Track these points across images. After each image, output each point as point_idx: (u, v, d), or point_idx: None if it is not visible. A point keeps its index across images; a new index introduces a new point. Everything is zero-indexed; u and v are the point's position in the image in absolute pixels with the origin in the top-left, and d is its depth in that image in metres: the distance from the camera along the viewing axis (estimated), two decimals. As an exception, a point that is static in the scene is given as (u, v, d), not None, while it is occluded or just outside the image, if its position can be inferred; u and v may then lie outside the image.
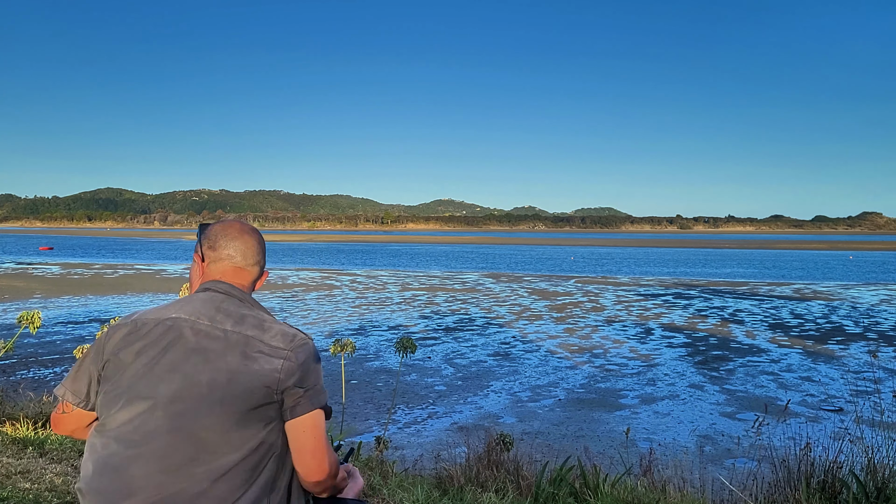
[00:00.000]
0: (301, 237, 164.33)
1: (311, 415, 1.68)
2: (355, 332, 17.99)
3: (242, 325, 1.70)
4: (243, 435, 1.62)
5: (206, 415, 1.60)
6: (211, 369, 1.63)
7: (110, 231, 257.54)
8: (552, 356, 14.91)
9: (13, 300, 24.04)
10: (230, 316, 1.71)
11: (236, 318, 1.71)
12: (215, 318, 1.70)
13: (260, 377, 1.63)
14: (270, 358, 1.65)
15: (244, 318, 1.72)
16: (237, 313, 1.73)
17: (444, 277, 39.73)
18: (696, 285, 34.77)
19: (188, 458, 1.59)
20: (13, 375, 11.65)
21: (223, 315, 1.71)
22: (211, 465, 1.59)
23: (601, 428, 9.42)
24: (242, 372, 1.62)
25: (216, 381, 1.62)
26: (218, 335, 1.67)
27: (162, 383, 1.62)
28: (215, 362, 1.63)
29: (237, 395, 1.61)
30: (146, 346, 1.67)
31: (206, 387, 1.61)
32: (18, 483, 3.18)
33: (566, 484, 3.90)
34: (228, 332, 1.67)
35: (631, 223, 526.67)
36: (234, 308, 1.74)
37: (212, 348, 1.65)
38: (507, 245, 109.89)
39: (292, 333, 1.73)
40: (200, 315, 1.71)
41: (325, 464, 1.70)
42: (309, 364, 1.70)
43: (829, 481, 3.51)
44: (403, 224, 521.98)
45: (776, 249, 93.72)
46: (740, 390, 11.68)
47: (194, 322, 1.69)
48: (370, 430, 8.99)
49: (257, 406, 1.63)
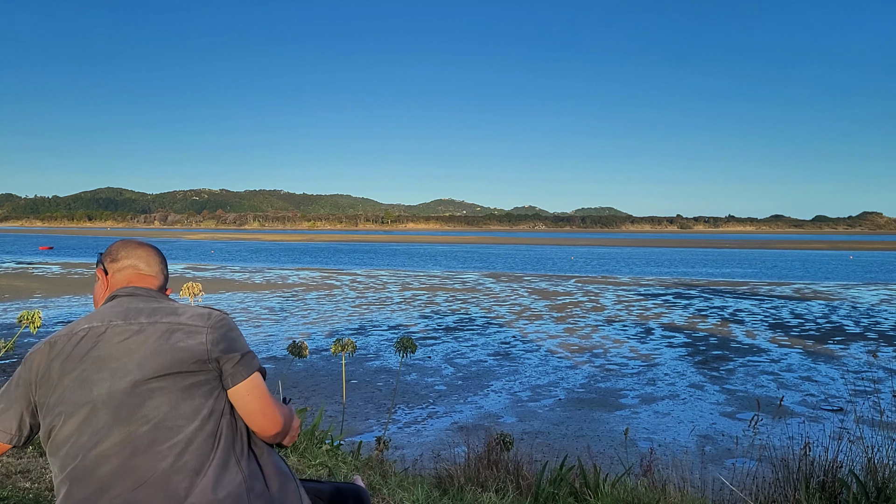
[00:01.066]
0: (301, 237, 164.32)
1: (249, 379, 1.76)
2: (355, 332, 18.00)
3: (156, 315, 1.75)
4: (193, 405, 1.67)
5: (148, 397, 1.64)
6: (138, 358, 1.67)
7: (111, 231, 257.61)
8: (552, 356, 14.91)
9: (13, 300, 24.05)
10: (141, 312, 1.77)
11: (148, 312, 1.76)
12: (127, 316, 1.75)
13: (188, 352, 1.69)
14: (193, 334, 1.71)
15: (156, 310, 1.78)
16: (147, 308, 1.78)
17: (444, 277, 39.73)
18: (697, 285, 34.77)
19: (149, 440, 1.63)
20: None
21: (135, 312, 1.77)
22: (173, 439, 1.64)
23: (601, 428, 9.42)
24: (169, 352, 1.68)
25: (146, 365, 1.66)
26: (135, 329, 1.71)
27: (94, 386, 1.66)
28: (140, 351, 1.68)
29: (172, 372, 1.67)
30: (66, 359, 1.70)
31: (138, 372, 1.65)
32: (18, 482, 3.18)
33: (566, 484, 3.90)
34: (144, 323, 1.72)
35: (631, 223, 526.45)
36: (143, 304, 1.80)
37: (133, 340, 1.70)
38: (507, 245, 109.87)
39: (206, 312, 1.80)
40: (112, 318, 1.75)
41: (277, 417, 1.80)
42: (230, 334, 1.78)
43: (828, 481, 3.51)
44: (404, 224, 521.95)
45: (776, 249, 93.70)
46: (740, 390, 11.67)
47: (108, 325, 1.74)
48: (370, 429, 8.99)
49: (195, 380, 1.69)
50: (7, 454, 3.68)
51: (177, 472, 1.63)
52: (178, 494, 1.61)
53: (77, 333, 1.73)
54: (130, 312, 1.76)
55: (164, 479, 1.62)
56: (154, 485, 1.61)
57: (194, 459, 1.64)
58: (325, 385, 11.53)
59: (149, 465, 1.62)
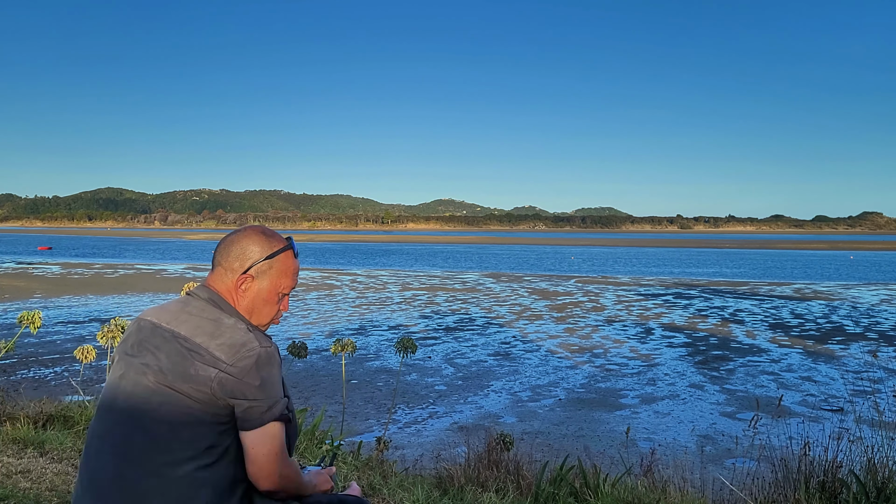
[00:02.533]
0: (301, 237, 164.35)
1: (261, 429, 1.68)
2: (356, 332, 18.00)
3: (197, 329, 1.73)
4: (194, 433, 1.65)
5: (155, 409, 1.66)
6: (157, 369, 1.69)
7: (111, 231, 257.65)
8: (552, 356, 14.92)
9: (14, 300, 24.05)
10: (191, 318, 1.75)
11: (195, 323, 1.74)
12: (175, 319, 1.75)
13: (198, 382, 1.66)
14: (207, 367, 1.67)
15: (203, 322, 1.74)
16: (199, 316, 1.75)
17: (444, 277, 39.73)
18: (697, 285, 34.77)
19: (143, 450, 1.65)
20: (14, 375, 11.66)
21: (185, 316, 1.76)
22: (165, 458, 1.64)
23: (601, 428, 9.42)
24: (183, 374, 1.67)
25: (162, 379, 1.68)
26: (167, 337, 1.72)
27: (122, 381, 1.73)
28: (162, 362, 1.69)
29: (181, 393, 1.66)
30: (121, 345, 1.81)
31: (154, 383, 1.68)
32: (19, 482, 3.18)
33: (566, 484, 3.90)
34: (179, 336, 1.71)
35: (631, 223, 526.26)
36: (198, 311, 1.77)
37: (162, 349, 1.71)
38: (507, 245, 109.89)
39: (241, 343, 1.70)
40: (164, 316, 1.78)
41: (274, 476, 1.72)
42: (251, 376, 1.67)
43: (828, 481, 3.51)
44: (404, 224, 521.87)
45: (777, 249, 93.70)
46: (740, 390, 11.68)
47: (155, 323, 1.76)
48: (370, 429, 8.99)
49: (202, 409, 1.66)
50: (8, 454, 3.69)
51: (162, 495, 1.63)
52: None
53: (137, 322, 1.82)
54: (182, 314, 1.76)
55: (149, 493, 1.64)
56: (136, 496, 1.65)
57: (184, 487, 1.63)
58: (325, 385, 11.53)
59: (137, 475, 1.64)
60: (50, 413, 4.50)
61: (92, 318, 19.80)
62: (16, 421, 4.28)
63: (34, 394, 5.87)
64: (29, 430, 4.14)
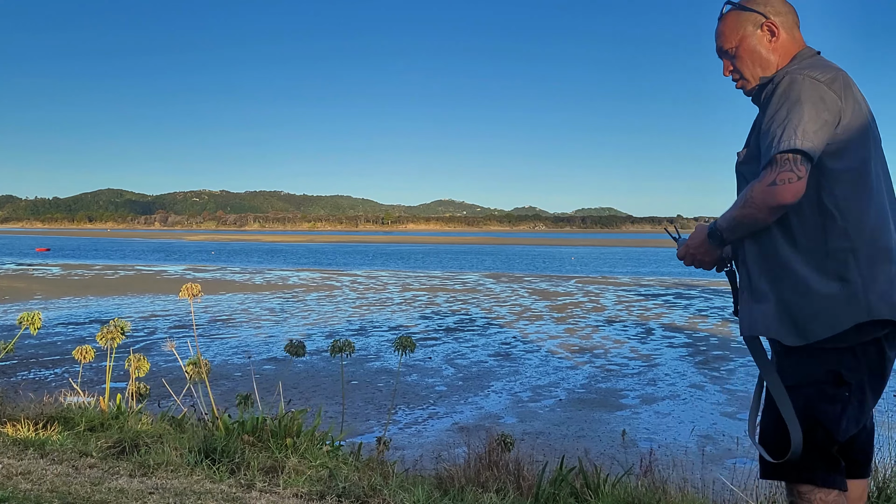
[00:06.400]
0: (301, 238, 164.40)
1: None
2: (356, 333, 18.00)
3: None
4: None
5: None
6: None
7: (111, 232, 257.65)
8: (553, 356, 14.92)
9: (14, 301, 24.06)
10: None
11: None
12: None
13: None
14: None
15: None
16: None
17: (444, 278, 39.74)
18: (697, 285, 34.77)
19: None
20: (14, 376, 11.66)
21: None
22: None
23: (602, 428, 9.42)
24: None
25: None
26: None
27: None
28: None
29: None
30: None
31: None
32: (19, 484, 3.18)
33: (567, 484, 3.90)
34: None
35: (631, 223, 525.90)
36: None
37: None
38: (507, 245, 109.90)
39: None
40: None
41: None
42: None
43: (829, 481, 3.51)
44: (404, 224, 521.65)
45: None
46: (741, 390, 11.68)
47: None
48: (371, 430, 8.99)
49: None
50: (8, 455, 3.68)
51: None
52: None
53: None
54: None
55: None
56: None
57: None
58: (325, 386, 11.53)
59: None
60: (50, 414, 4.50)
61: (92, 319, 19.81)
62: (16, 422, 4.28)
63: (34, 395, 5.87)
64: (30, 432, 4.14)
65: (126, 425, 4.39)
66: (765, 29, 2.04)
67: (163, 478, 3.42)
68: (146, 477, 3.44)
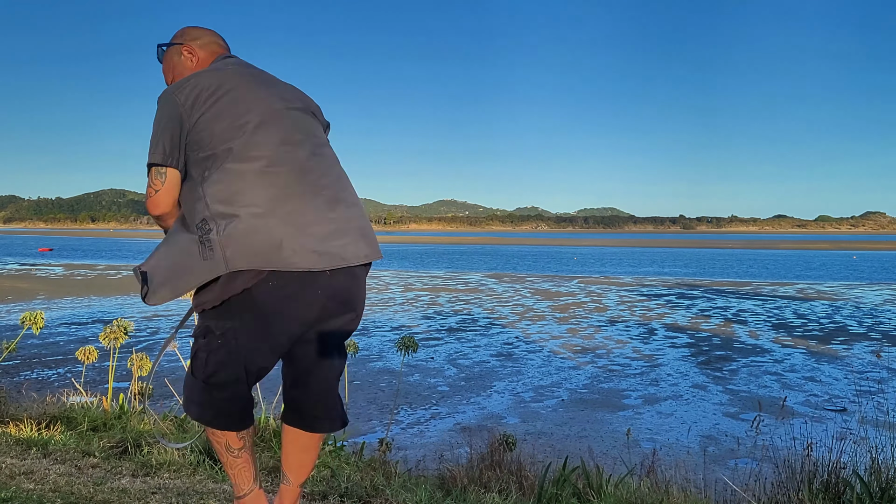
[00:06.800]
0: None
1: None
2: (358, 333, 18.01)
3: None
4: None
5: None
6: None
7: (113, 232, 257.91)
8: (555, 356, 14.91)
9: (17, 301, 24.10)
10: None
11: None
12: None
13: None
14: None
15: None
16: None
17: (446, 278, 39.73)
18: (699, 285, 34.73)
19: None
20: (17, 376, 11.68)
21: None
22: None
23: (604, 428, 9.41)
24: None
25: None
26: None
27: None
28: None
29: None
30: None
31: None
32: (22, 484, 3.18)
33: (569, 484, 3.90)
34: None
35: (634, 223, 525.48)
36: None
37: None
38: (509, 245, 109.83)
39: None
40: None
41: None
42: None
43: (832, 482, 3.50)
44: (406, 224, 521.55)
45: (779, 249, 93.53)
46: (743, 390, 11.66)
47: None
48: (373, 430, 8.99)
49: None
50: (11, 455, 3.69)
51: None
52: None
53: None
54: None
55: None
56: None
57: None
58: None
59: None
60: (53, 414, 4.51)
61: (95, 319, 19.84)
62: (19, 422, 4.29)
63: (37, 395, 5.88)
64: (32, 431, 4.15)
65: (129, 425, 4.40)
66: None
67: (165, 478, 3.43)
68: (148, 477, 3.44)
